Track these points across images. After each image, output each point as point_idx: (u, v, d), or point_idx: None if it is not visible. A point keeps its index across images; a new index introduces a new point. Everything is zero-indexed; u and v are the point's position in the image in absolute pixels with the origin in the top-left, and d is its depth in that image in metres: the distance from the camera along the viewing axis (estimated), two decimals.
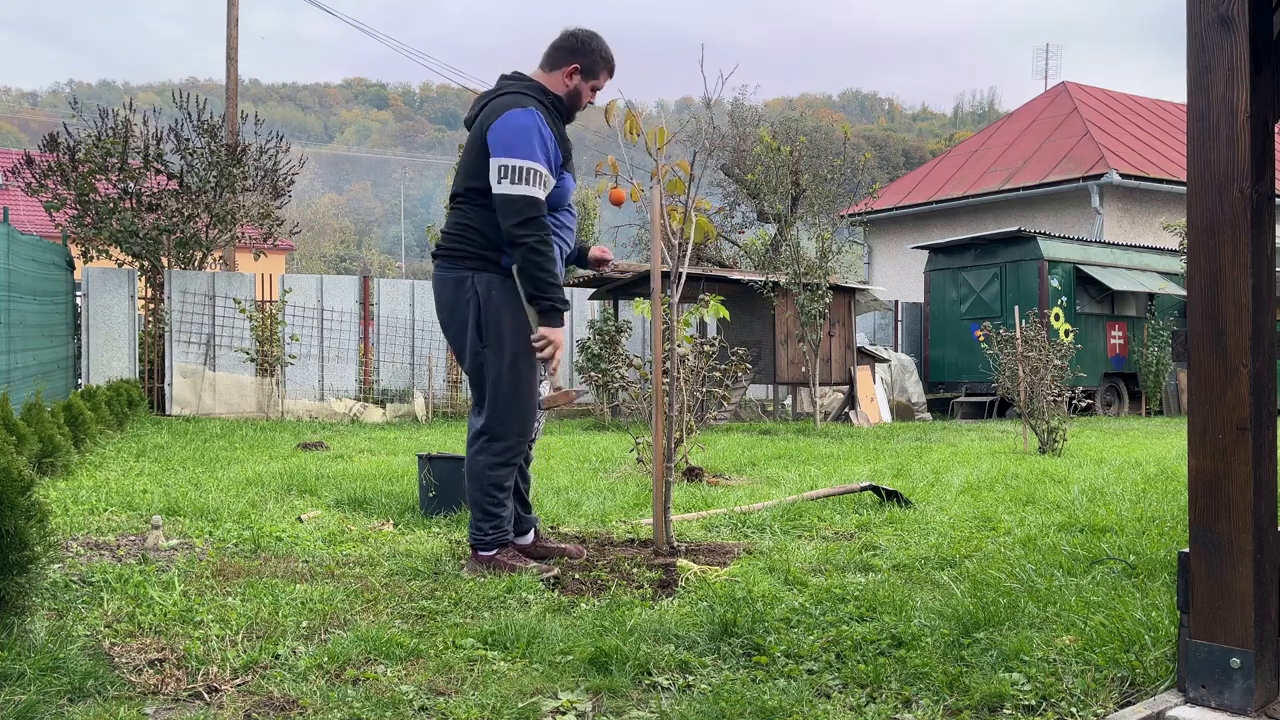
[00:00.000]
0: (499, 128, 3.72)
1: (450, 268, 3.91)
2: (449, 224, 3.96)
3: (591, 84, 3.98)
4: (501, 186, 3.69)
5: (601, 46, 3.98)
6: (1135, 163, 20.22)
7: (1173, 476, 6.94)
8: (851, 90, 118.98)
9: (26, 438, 6.05)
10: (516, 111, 3.74)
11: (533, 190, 3.69)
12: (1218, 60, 2.39)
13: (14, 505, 2.82)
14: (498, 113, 3.76)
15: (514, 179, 3.68)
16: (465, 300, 3.86)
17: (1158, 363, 16.64)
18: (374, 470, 7.04)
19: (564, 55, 3.94)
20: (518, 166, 3.67)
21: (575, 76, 3.94)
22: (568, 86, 3.94)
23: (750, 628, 3.09)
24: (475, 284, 3.84)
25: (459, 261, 3.88)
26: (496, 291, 3.84)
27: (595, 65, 3.97)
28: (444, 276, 3.94)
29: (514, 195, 3.68)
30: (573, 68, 3.93)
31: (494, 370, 3.86)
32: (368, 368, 13.84)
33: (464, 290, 3.86)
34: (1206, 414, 2.41)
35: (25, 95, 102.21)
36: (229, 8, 18.62)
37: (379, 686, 2.61)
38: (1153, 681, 2.60)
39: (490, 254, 3.84)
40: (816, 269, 12.91)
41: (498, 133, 3.72)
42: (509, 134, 3.70)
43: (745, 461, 8.08)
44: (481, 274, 3.85)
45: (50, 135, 13.20)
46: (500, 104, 3.80)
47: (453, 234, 3.91)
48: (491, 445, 3.89)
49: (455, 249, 3.89)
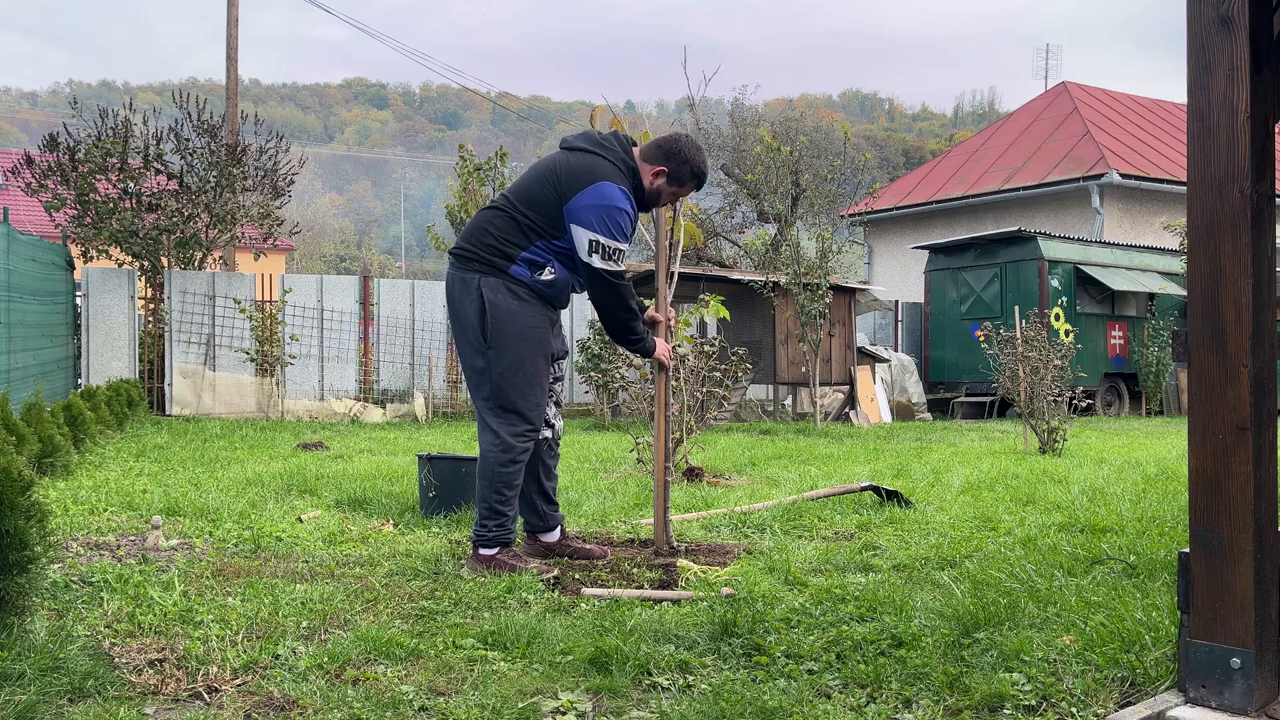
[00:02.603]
0: (593, 199, 3.85)
1: (460, 268, 4.03)
2: (472, 224, 4.08)
3: (673, 190, 4.13)
4: (593, 260, 3.88)
5: (695, 159, 4.11)
6: (1135, 163, 20.22)
7: (1173, 476, 6.94)
8: (851, 90, 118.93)
9: (26, 438, 6.05)
10: (610, 189, 3.87)
11: (619, 267, 3.95)
12: (1218, 60, 2.39)
13: (14, 505, 2.82)
14: (593, 176, 3.88)
15: (604, 256, 3.89)
16: (471, 300, 3.95)
17: (1158, 363, 16.64)
18: (374, 470, 7.04)
19: (660, 156, 4.07)
20: (612, 247, 3.89)
21: (660, 178, 4.09)
22: (651, 184, 4.08)
23: (750, 628, 3.09)
24: (482, 287, 3.94)
25: (468, 264, 3.99)
26: (502, 296, 3.93)
27: (683, 175, 4.10)
28: (454, 275, 4.07)
29: (606, 272, 3.92)
30: (660, 169, 4.07)
31: (497, 369, 3.94)
32: (368, 368, 13.84)
33: (470, 291, 3.96)
34: (1206, 414, 2.41)
35: (25, 95, 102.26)
36: (229, 8, 18.62)
37: (379, 686, 2.61)
38: (1153, 681, 2.60)
39: (500, 261, 3.95)
40: (816, 269, 12.91)
41: (591, 203, 3.85)
42: (603, 211, 3.86)
43: (745, 461, 8.07)
44: (488, 277, 3.94)
45: (50, 135, 13.19)
46: (596, 169, 3.91)
47: (470, 235, 4.04)
48: (498, 443, 3.94)
49: (467, 250, 4.01)
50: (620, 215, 3.89)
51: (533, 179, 4.02)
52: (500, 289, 3.93)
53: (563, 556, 4.16)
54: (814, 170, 17.71)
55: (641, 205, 4.12)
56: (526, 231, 3.94)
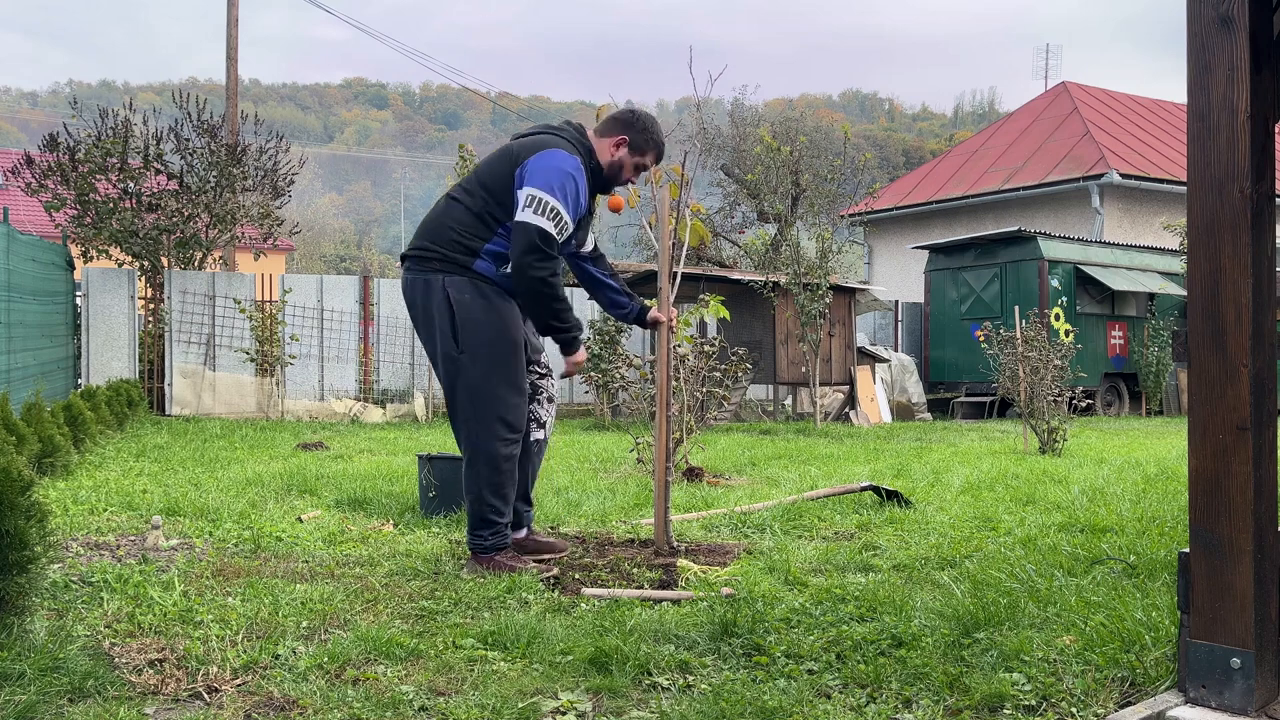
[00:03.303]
0: (540, 161, 3.77)
1: (419, 269, 3.86)
2: (428, 221, 3.93)
3: (635, 160, 4.04)
4: (524, 214, 3.70)
5: (654, 129, 4.07)
6: (1135, 163, 20.22)
7: (1173, 476, 6.94)
8: (851, 90, 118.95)
9: (26, 438, 6.05)
10: (561, 154, 3.79)
11: (550, 227, 3.71)
12: (1218, 60, 2.39)
13: (14, 505, 2.82)
14: (542, 146, 3.82)
15: (537, 210, 3.70)
16: (437, 303, 3.81)
17: (1158, 363, 16.64)
18: (374, 470, 7.03)
19: (617, 126, 4.02)
20: (544, 200, 3.70)
21: (621, 149, 4.00)
22: (612, 155, 4.00)
23: (750, 628, 3.09)
24: (447, 287, 3.80)
25: (427, 264, 3.84)
26: (470, 295, 3.79)
27: (644, 143, 4.02)
28: (413, 279, 3.89)
29: (533, 225, 3.69)
30: (620, 139, 4.00)
31: (474, 375, 3.81)
32: (368, 368, 13.84)
33: (434, 293, 3.82)
34: (1206, 414, 2.41)
35: (25, 95, 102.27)
36: (229, 8, 18.62)
37: (379, 686, 2.61)
38: (1153, 681, 2.60)
39: (463, 257, 3.81)
40: (816, 269, 12.91)
41: (536, 165, 3.76)
42: (547, 170, 3.74)
43: (745, 461, 8.08)
44: (452, 276, 3.81)
45: (50, 135, 13.19)
46: (548, 140, 3.86)
47: (427, 232, 3.88)
48: (484, 454, 3.85)
49: (427, 250, 3.85)
50: (567, 179, 3.74)
51: (488, 162, 3.92)
52: (467, 288, 3.78)
53: (524, 552, 4.11)
54: (814, 170, 17.72)
55: (603, 185, 4.04)
56: (486, 220, 3.81)
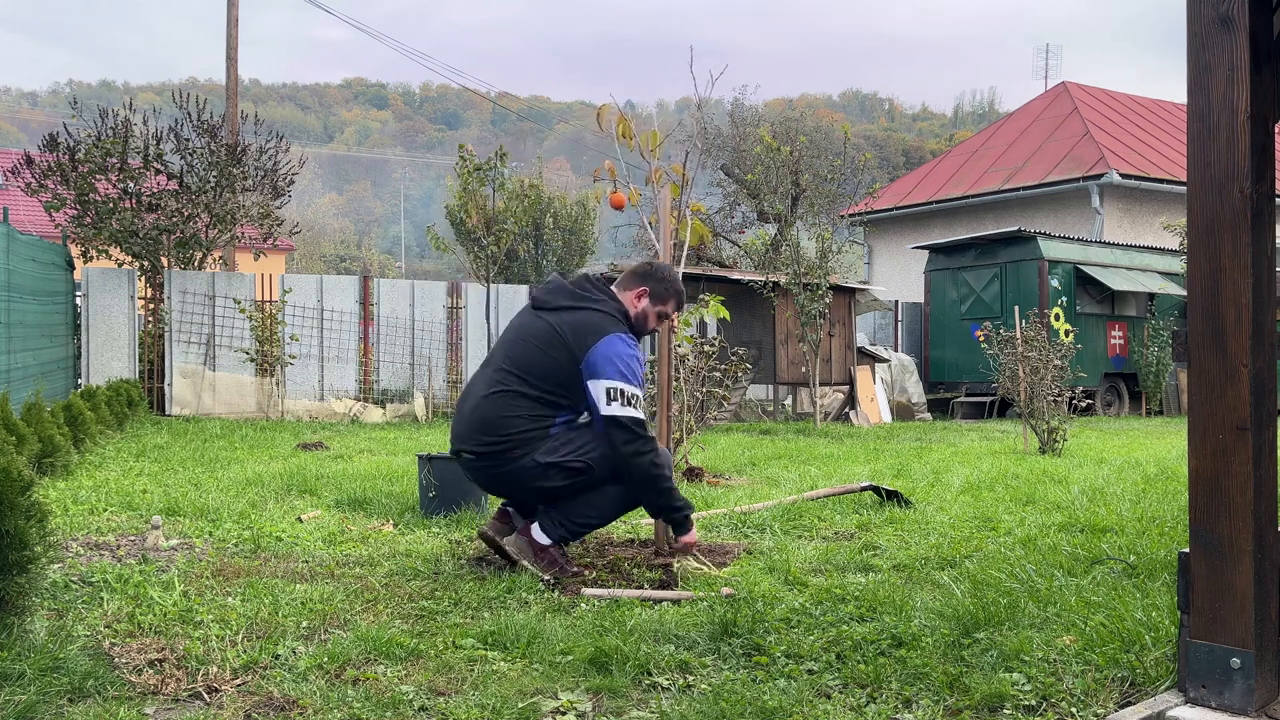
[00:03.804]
0: (605, 350, 3.87)
1: (496, 462, 3.94)
2: (480, 417, 3.95)
3: (658, 309, 4.18)
4: (612, 409, 3.84)
5: (672, 276, 4.22)
6: (1135, 163, 20.22)
7: (1173, 476, 6.94)
8: (851, 90, 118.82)
9: (26, 438, 6.05)
10: (620, 338, 3.93)
11: (640, 413, 3.89)
12: (1218, 60, 2.38)
13: (14, 505, 2.82)
14: (598, 333, 3.90)
15: (623, 403, 3.85)
16: (531, 472, 3.91)
17: (1158, 363, 16.63)
18: (374, 470, 7.03)
19: (637, 280, 4.17)
20: (630, 393, 3.86)
21: (644, 299, 4.15)
22: (636, 308, 4.13)
23: (750, 628, 3.09)
24: (538, 458, 3.90)
25: (505, 455, 3.91)
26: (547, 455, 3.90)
27: (664, 293, 4.18)
28: (494, 475, 4.00)
29: (624, 418, 3.84)
30: (642, 290, 4.14)
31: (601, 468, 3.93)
32: (368, 368, 13.84)
33: (527, 469, 3.91)
34: (1206, 414, 2.41)
35: (25, 95, 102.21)
36: (229, 8, 18.62)
37: (379, 686, 2.61)
38: (1153, 681, 2.60)
39: (539, 433, 3.91)
40: (816, 269, 12.91)
41: (603, 355, 3.86)
42: (616, 359, 3.87)
43: (745, 461, 8.08)
44: (537, 451, 3.90)
45: (50, 135, 13.18)
46: (599, 323, 3.94)
47: (484, 428, 3.93)
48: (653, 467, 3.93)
49: (495, 443, 3.91)
50: (634, 362, 3.91)
51: (534, 350, 3.95)
52: (543, 449, 3.89)
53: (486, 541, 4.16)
54: (814, 170, 17.71)
55: (635, 334, 4.16)
56: (548, 403, 3.92)
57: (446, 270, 44.24)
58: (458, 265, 29.18)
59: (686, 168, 5.01)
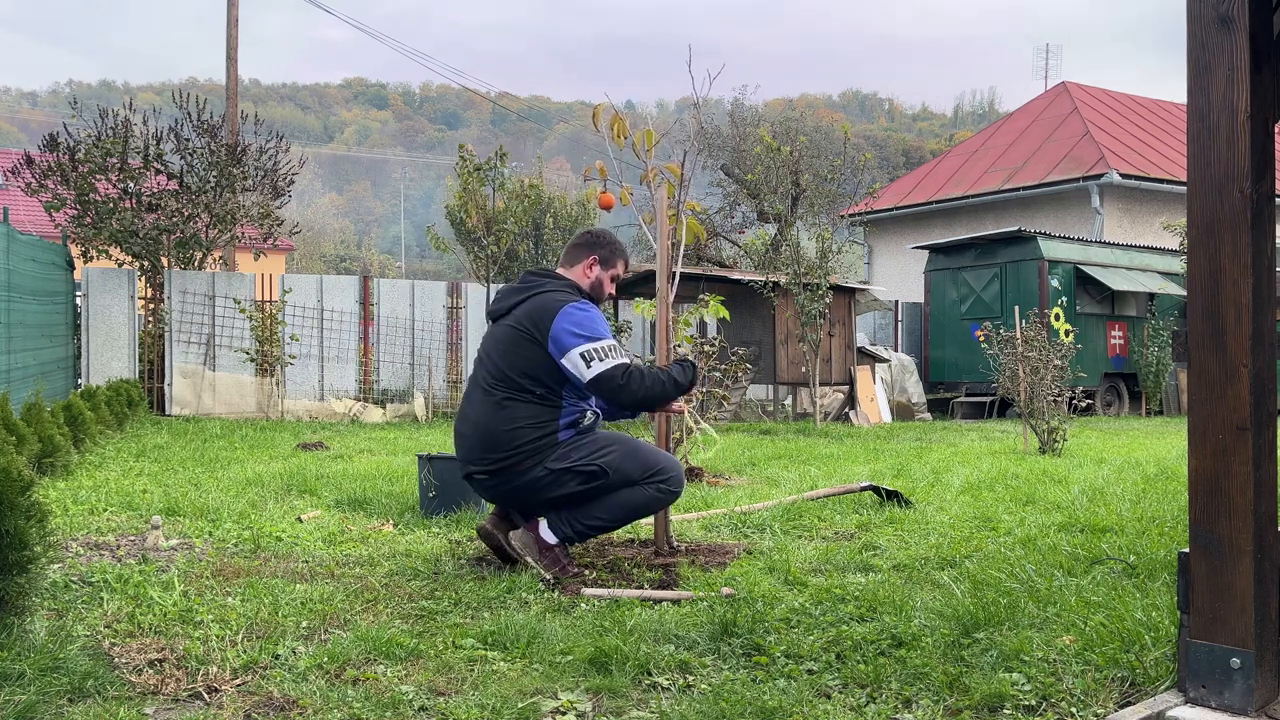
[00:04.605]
0: (563, 324, 3.85)
1: (508, 477, 3.91)
2: (484, 432, 3.91)
3: (610, 273, 4.19)
4: (593, 369, 3.81)
5: (614, 240, 4.24)
6: (1135, 163, 20.22)
7: (1173, 476, 6.94)
8: (851, 90, 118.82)
9: (26, 438, 6.05)
10: (572, 307, 3.90)
11: (619, 359, 3.84)
12: (1218, 60, 2.38)
13: (14, 505, 2.82)
14: (550, 312, 3.88)
15: (600, 359, 3.82)
16: (547, 479, 3.89)
17: (1158, 363, 16.63)
18: (374, 470, 7.03)
19: (582, 250, 4.17)
20: (599, 348, 3.84)
21: (595, 267, 4.15)
22: (589, 278, 4.14)
23: (750, 628, 3.09)
24: (550, 466, 3.88)
25: (517, 469, 3.89)
26: (559, 461, 3.88)
27: (612, 256, 4.19)
28: (509, 490, 3.96)
29: (604, 373, 3.82)
30: (591, 259, 4.14)
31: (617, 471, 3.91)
32: (368, 368, 13.84)
33: (543, 480, 3.89)
34: (1206, 414, 2.41)
35: (25, 95, 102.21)
36: (229, 8, 18.62)
37: (379, 686, 2.61)
38: (1153, 681, 2.60)
39: (548, 441, 3.87)
40: (816, 269, 12.91)
41: (561, 329, 3.84)
42: (577, 326, 3.85)
43: (745, 461, 8.07)
44: (548, 460, 3.88)
45: (50, 135, 13.19)
46: (546, 303, 3.92)
47: (490, 444, 3.88)
48: (640, 502, 3.95)
49: (505, 457, 3.87)
50: (587, 317, 3.88)
51: (509, 355, 3.92)
52: (560, 454, 3.88)
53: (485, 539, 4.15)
54: (814, 170, 17.70)
55: (595, 304, 4.15)
56: (550, 401, 3.90)
57: (446, 270, 44.24)
58: (458, 265, 29.17)
59: (684, 167, 5.01)
